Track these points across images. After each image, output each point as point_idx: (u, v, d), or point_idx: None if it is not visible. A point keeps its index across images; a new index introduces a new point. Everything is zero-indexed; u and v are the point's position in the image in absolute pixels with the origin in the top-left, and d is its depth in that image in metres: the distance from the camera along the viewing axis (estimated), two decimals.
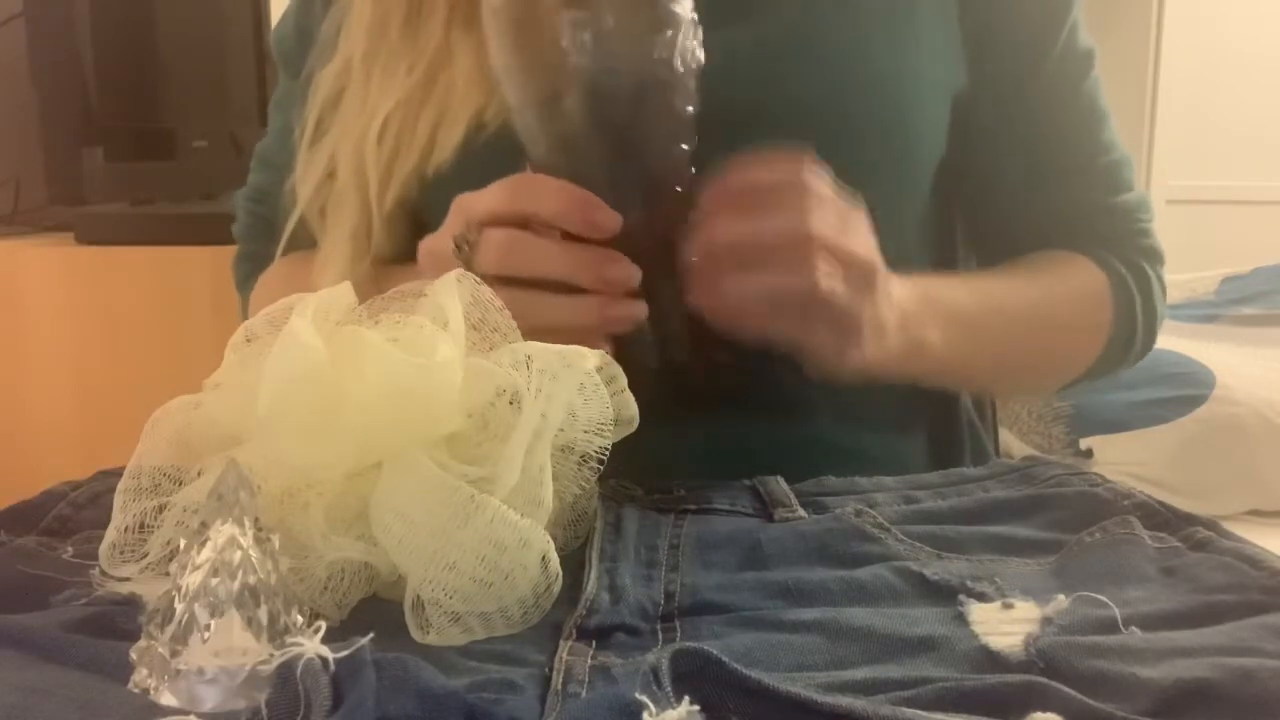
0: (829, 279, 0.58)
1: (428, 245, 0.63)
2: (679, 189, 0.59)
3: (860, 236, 0.61)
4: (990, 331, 0.74)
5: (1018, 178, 0.79)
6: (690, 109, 0.58)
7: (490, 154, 0.70)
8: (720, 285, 0.58)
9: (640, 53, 0.56)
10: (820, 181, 0.59)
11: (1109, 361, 0.80)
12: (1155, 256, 0.81)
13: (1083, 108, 0.80)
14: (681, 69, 0.57)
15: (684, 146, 0.58)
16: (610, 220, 0.57)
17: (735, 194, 0.58)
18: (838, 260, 0.59)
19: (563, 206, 0.58)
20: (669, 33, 0.56)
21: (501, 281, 0.57)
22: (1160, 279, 0.81)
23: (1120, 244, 0.80)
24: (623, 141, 0.58)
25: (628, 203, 0.58)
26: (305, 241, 0.80)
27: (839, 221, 0.60)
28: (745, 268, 0.58)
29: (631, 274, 0.58)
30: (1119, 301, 0.79)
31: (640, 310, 0.59)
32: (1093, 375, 0.82)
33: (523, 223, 0.59)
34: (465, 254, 0.59)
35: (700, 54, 0.57)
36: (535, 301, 0.57)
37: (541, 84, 0.57)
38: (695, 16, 0.57)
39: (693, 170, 0.59)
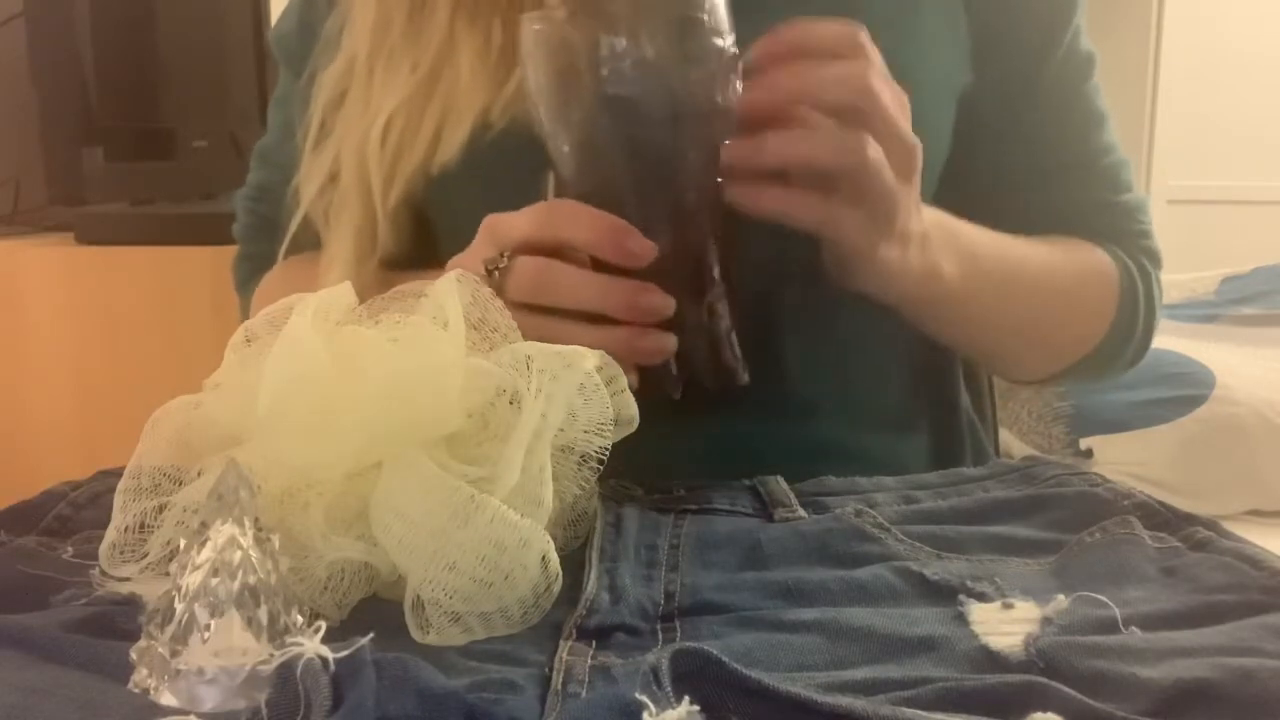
0: (876, 148, 0.56)
1: (456, 265, 0.62)
2: (710, 219, 0.59)
3: (907, 117, 0.59)
4: (1000, 278, 0.72)
5: (1021, 177, 0.79)
6: (727, 142, 0.57)
7: (496, 152, 0.70)
8: (765, 145, 0.56)
9: (679, 85, 0.56)
10: (874, 49, 0.57)
11: (1108, 351, 0.80)
12: (1155, 258, 0.81)
13: (1084, 110, 0.80)
14: (721, 102, 0.56)
15: (718, 180, 0.57)
16: (645, 249, 0.56)
17: (790, 46, 0.57)
18: (887, 132, 0.57)
19: (597, 234, 0.57)
20: (710, 66, 0.56)
21: (531, 309, 0.56)
22: (1159, 281, 0.81)
23: (1122, 241, 0.80)
24: (655, 170, 0.57)
25: (656, 231, 0.57)
26: (308, 243, 0.79)
27: (891, 94, 0.57)
28: (792, 124, 0.56)
29: (665, 304, 0.57)
30: (1124, 289, 0.79)
31: (671, 342, 0.58)
32: (1091, 366, 0.81)
33: (555, 250, 0.58)
34: (496, 280, 0.58)
35: (739, 87, 0.57)
36: (564, 330, 0.57)
37: (577, 109, 0.57)
38: (737, 51, 0.56)
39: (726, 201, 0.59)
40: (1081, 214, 0.80)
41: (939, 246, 0.66)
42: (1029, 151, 0.79)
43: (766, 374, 0.72)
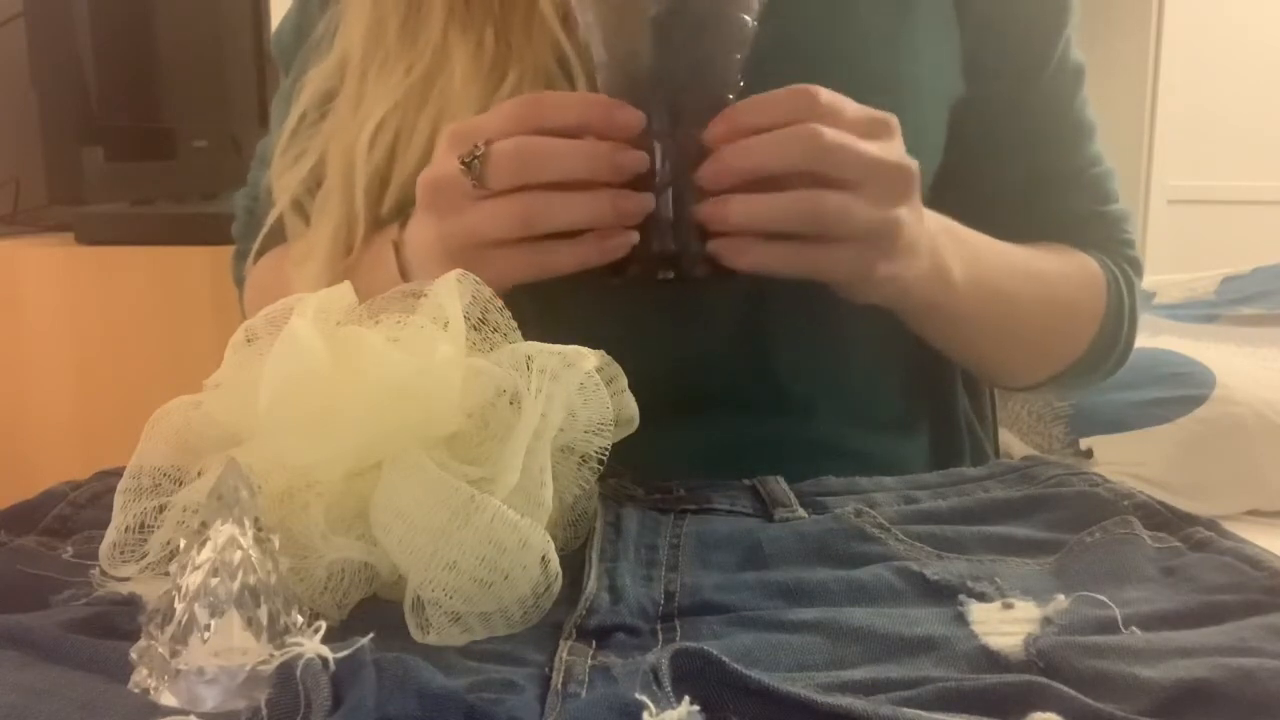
0: (837, 196, 0.57)
1: (428, 175, 0.62)
2: (730, 96, 0.59)
3: (889, 143, 0.59)
4: (1002, 282, 0.73)
5: (1011, 188, 0.80)
6: (752, 22, 0.58)
7: None
8: (729, 211, 0.57)
9: None
10: (831, 94, 0.58)
11: (1094, 357, 0.81)
12: (1138, 267, 0.83)
13: (1075, 122, 0.81)
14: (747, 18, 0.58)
15: (739, 56, 0.58)
16: (634, 118, 0.57)
17: (740, 127, 0.57)
18: (866, 170, 0.57)
19: (586, 110, 0.57)
20: None
21: (515, 190, 0.57)
22: (1139, 290, 0.82)
23: (1108, 250, 0.82)
24: (690, 40, 0.58)
25: (673, 113, 0.58)
26: (284, 238, 0.79)
27: (860, 128, 0.58)
28: (752, 189, 0.57)
29: (643, 160, 0.57)
30: (1110, 296, 0.80)
31: (650, 201, 0.58)
32: (1076, 372, 0.82)
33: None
34: (476, 170, 0.57)
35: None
36: (549, 202, 0.57)
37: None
38: None
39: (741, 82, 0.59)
40: (1070, 224, 0.81)
41: (946, 250, 0.66)
42: (1020, 163, 0.80)
43: (766, 374, 0.72)
